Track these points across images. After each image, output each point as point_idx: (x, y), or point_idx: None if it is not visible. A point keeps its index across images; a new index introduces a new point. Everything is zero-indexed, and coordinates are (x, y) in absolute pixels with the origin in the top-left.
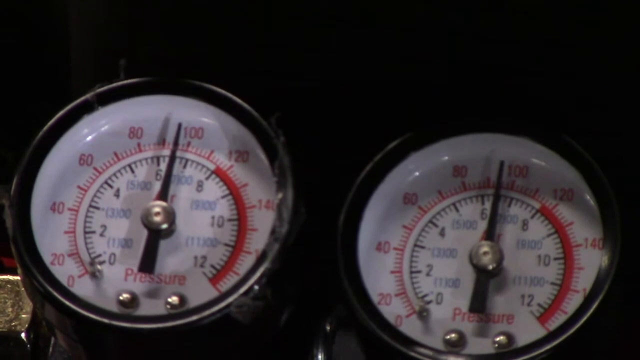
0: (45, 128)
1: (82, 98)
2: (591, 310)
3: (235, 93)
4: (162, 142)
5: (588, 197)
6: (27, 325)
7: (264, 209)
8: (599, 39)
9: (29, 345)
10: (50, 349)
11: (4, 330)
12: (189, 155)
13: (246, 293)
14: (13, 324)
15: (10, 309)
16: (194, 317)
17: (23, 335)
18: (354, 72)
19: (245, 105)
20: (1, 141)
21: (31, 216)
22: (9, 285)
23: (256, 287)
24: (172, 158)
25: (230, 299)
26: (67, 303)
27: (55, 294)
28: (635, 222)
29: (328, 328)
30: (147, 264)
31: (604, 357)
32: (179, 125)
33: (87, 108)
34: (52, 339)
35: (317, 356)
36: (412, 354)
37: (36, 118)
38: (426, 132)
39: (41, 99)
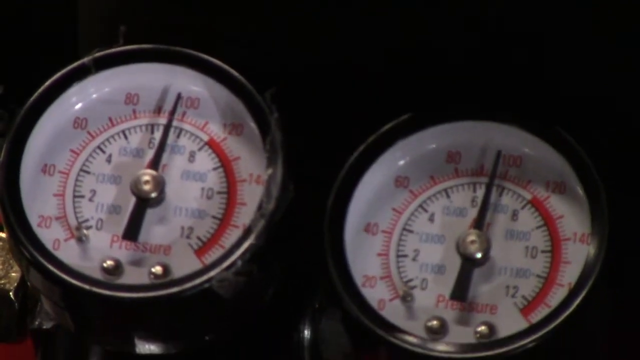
0: (41, 90)
1: (79, 62)
2: (574, 305)
3: (233, 66)
4: (157, 110)
5: (580, 191)
6: (16, 284)
7: (254, 184)
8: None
9: (16, 304)
10: (38, 308)
11: None
12: (183, 125)
13: (229, 268)
14: (2, 282)
15: None
16: (175, 289)
17: (11, 294)
18: (354, 54)
19: (241, 78)
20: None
21: (21, 177)
22: (0, 243)
23: (239, 262)
24: (168, 127)
25: (212, 273)
26: (50, 267)
27: (39, 257)
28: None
29: (316, 305)
30: (132, 231)
31: (587, 353)
32: (178, 95)
33: (84, 72)
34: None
35: (304, 332)
36: (392, 339)
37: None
38: (421, 116)
39: (48, 61)
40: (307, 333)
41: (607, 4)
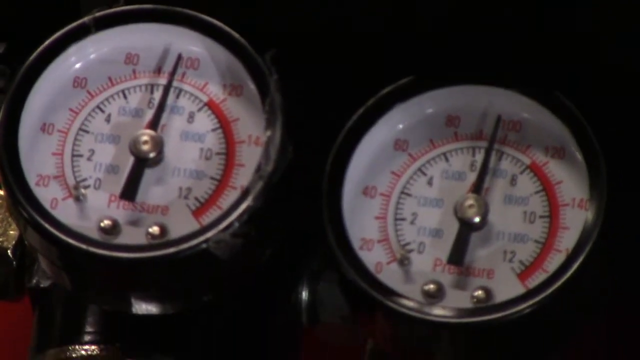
0: (40, 48)
1: (79, 21)
2: (572, 271)
3: (233, 27)
4: (157, 70)
5: (579, 157)
6: (14, 242)
7: (253, 145)
8: None
9: (14, 262)
10: (35, 267)
11: None
12: (183, 86)
13: (226, 229)
14: (0, 240)
15: None
16: (172, 250)
17: (9, 252)
18: (355, 15)
19: (241, 39)
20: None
21: (20, 135)
22: None
23: (236, 223)
24: (168, 87)
25: (209, 234)
26: (47, 226)
27: (36, 216)
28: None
29: (314, 267)
30: (129, 191)
31: (584, 319)
32: (179, 56)
33: (84, 31)
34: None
35: (302, 294)
36: (389, 302)
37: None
38: (420, 80)
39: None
40: (304, 295)
41: None
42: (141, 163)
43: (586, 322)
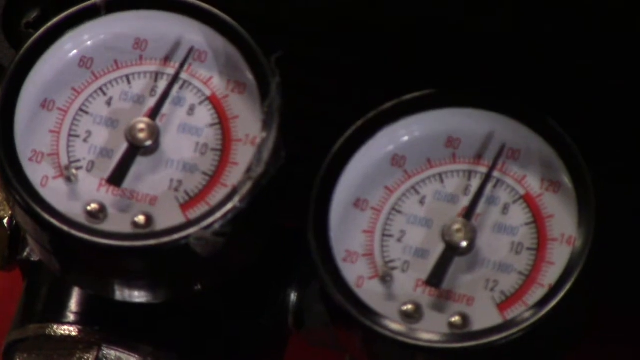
0: (49, 25)
1: (91, 2)
2: (550, 307)
3: (243, 23)
4: (164, 59)
5: (573, 194)
6: (11, 212)
7: (249, 145)
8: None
9: (9, 232)
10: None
11: None
12: (188, 77)
13: (208, 227)
14: None
15: None
16: (152, 242)
17: (5, 221)
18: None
19: (250, 38)
20: None
21: (19, 108)
22: None
23: (220, 222)
24: (174, 79)
25: (191, 230)
26: (34, 206)
27: (25, 194)
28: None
29: (305, 272)
30: (117, 176)
31: (560, 352)
32: (191, 48)
33: (94, 12)
34: None
35: (290, 296)
36: (364, 320)
37: None
38: (424, 97)
39: None
40: (293, 298)
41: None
42: (134, 150)
43: (561, 354)
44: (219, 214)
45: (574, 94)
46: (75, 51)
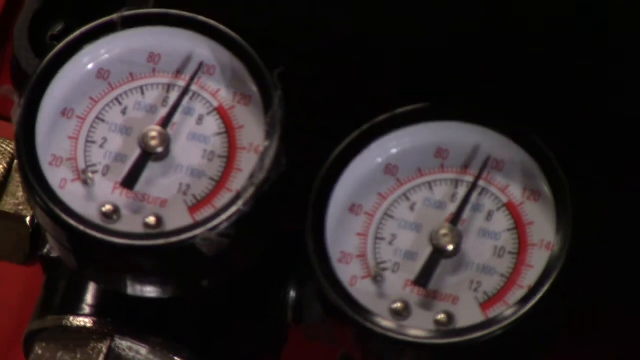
0: (69, 39)
1: (108, 18)
2: (529, 306)
3: (249, 41)
4: (176, 72)
5: (552, 203)
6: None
7: (252, 153)
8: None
9: (31, 230)
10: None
11: (10, 211)
12: (196, 89)
13: (214, 228)
14: (21, 207)
15: (21, 194)
16: (161, 241)
17: (28, 219)
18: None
19: (255, 55)
20: None
21: (40, 115)
22: None
23: (225, 224)
24: (185, 90)
25: (198, 231)
26: (53, 207)
27: (44, 196)
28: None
29: (304, 269)
30: (130, 180)
31: (539, 349)
32: (201, 63)
33: (110, 28)
34: None
35: (290, 292)
36: (357, 317)
37: None
38: (416, 111)
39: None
40: (292, 294)
41: None
42: (146, 156)
43: (539, 354)
44: (224, 217)
45: (560, 102)
46: (93, 64)
